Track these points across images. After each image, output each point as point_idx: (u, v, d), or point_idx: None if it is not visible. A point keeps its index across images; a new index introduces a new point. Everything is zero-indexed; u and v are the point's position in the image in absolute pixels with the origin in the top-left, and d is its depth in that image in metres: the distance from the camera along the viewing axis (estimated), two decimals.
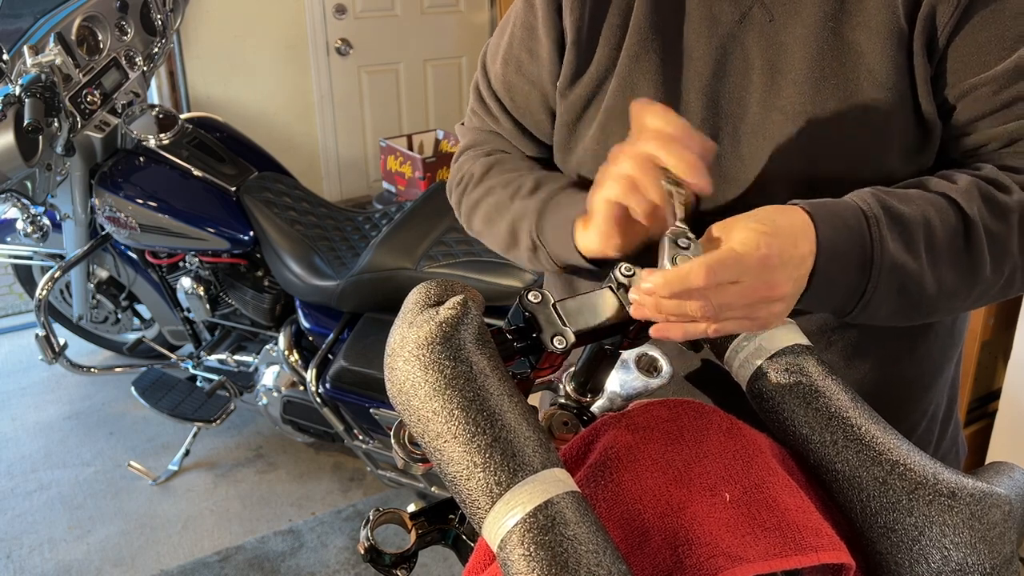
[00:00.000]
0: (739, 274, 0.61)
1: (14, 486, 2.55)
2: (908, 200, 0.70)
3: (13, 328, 3.50)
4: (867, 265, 0.67)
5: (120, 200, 2.34)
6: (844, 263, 0.66)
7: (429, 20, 4.30)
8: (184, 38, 3.76)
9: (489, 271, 2.02)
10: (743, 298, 0.62)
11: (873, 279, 0.67)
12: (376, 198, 3.57)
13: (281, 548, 2.29)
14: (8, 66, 2.00)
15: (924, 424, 0.89)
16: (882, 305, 0.69)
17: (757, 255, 0.62)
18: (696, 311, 0.62)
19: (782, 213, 0.66)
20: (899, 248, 0.67)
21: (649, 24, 0.81)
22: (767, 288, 0.62)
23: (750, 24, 0.78)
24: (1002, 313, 2.15)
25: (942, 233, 0.69)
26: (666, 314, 0.63)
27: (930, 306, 0.71)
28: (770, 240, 0.62)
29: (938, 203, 0.70)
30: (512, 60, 0.90)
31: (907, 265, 0.68)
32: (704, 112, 0.79)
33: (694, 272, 0.60)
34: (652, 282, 0.62)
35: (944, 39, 0.73)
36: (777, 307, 0.64)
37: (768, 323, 0.66)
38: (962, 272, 0.70)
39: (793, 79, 0.76)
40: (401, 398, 0.61)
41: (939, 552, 0.58)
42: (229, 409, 2.47)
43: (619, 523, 0.59)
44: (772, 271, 0.62)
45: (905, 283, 0.68)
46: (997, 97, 0.73)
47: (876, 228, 0.67)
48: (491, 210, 0.90)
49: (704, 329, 0.64)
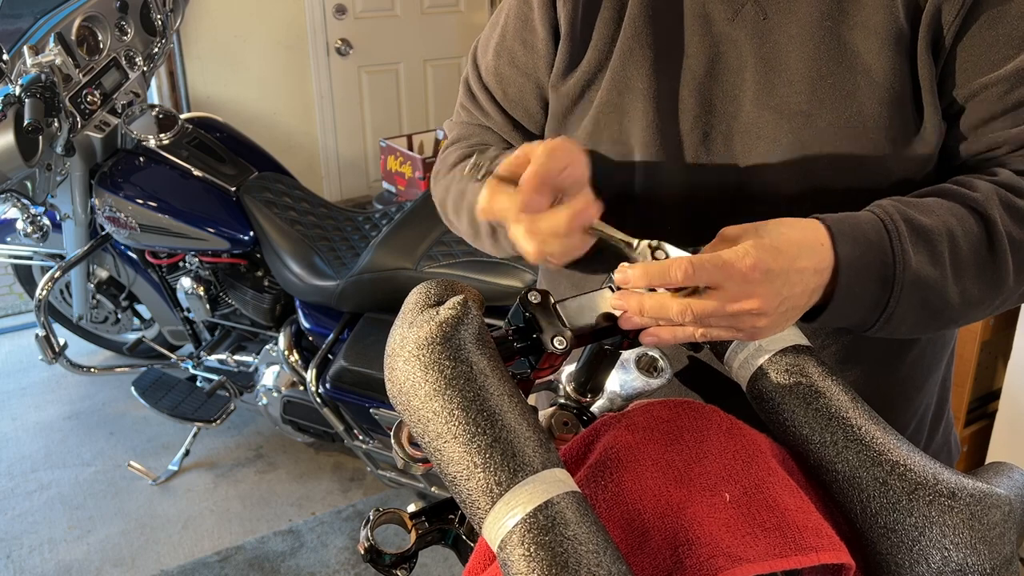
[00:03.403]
0: (721, 279, 0.61)
1: (14, 486, 2.55)
2: (929, 211, 0.69)
3: (13, 328, 3.50)
4: (889, 279, 0.66)
5: (120, 200, 2.34)
6: (865, 278, 0.66)
7: (429, 20, 4.30)
8: (184, 38, 3.76)
9: (489, 271, 2.02)
10: (725, 307, 0.61)
11: (896, 293, 0.66)
12: (376, 198, 3.57)
13: (281, 548, 2.29)
14: (8, 66, 2.00)
15: (913, 425, 0.89)
16: (905, 319, 0.68)
17: (742, 265, 0.61)
18: (676, 314, 0.61)
19: (795, 227, 0.65)
20: (922, 261, 0.67)
21: (644, 19, 0.80)
22: (747, 298, 0.61)
23: (743, 22, 0.77)
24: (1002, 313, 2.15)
25: (965, 243, 0.68)
26: (648, 315, 0.63)
27: (953, 317, 0.71)
28: (761, 253, 0.61)
29: (960, 213, 0.69)
30: (505, 52, 0.90)
31: (930, 278, 0.67)
32: (697, 109, 0.79)
33: (675, 266, 0.60)
34: (631, 273, 0.62)
35: (950, 38, 0.73)
36: (761, 321, 0.63)
37: (755, 335, 0.65)
38: (986, 282, 0.70)
39: (788, 78, 0.75)
40: (401, 398, 0.60)
41: (939, 552, 0.58)
42: (229, 409, 2.46)
43: (619, 523, 0.59)
44: (753, 284, 0.61)
45: (928, 296, 0.68)
46: (1007, 98, 0.72)
47: (898, 241, 0.66)
48: (457, 196, 0.90)
49: (692, 333, 0.63)
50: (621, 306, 0.64)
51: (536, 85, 0.88)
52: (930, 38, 0.73)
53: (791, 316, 0.65)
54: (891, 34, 0.73)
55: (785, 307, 0.64)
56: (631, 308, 0.63)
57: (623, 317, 0.65)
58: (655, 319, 0.63)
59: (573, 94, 0.84)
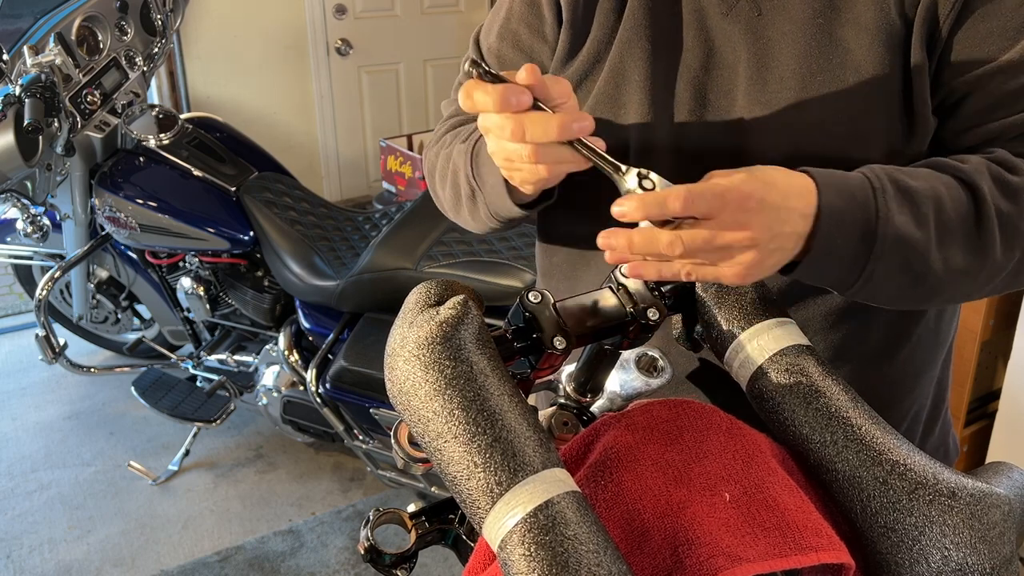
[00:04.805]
0: (717, 208, 0.60)
1: (14, 486, 2.55)
2: (918, 176, 0.69)
3: (13, 328, 3.50)
4: (871, 235, 0.65)
5: (120, 200, 2.34)
6: (847, 230, 0.65)
7: (429, 20, 4.30)
8: (184, 38, 3.76)
9: (489, 271, 2.02)
10: (716, 237, 0.61)
11: (877, 250, 0.66)
12: (376, 198, 3.57)
13: (281, 548, 2.29)
14: (8, 66, 2.00)
15: (905, 425, 0.89)
16: (886, 281, 0.68)
17: (738, 192, 0.60)
18: (666, 247, 0.61)
19: (784, 173, 0.65)
20: (906, 221, 0.66)
21: (643, 12, 0.81)
22: (740, 228, 0.61)
23: (737, 17, 0.78)
24: (1002, 313, 2.15)
25: (952, 210, 0.68)
26: (638, 250, 0.62)
27: (937, 286, 0.70)
28: (755, 184, 0.61)
29: (948, 182, 0.69)
30: (509, 34, 0.90)
31: (913, 239, 0.66)
32: (692, 103, 0.79)
33: (673, 195, 0.59)
34: (627, 206, 0.60)
35: (946, 32, 0.73)
36: (751, 255, 0.62)
37: (740, 276, 0.64)
38: (971, 251, 0.69)
39: (779, 74, 0.76)
40: (401, 398, 0.61)
41: (939, 552, 0.58)
42: (229, 409, 2.47)
43: (619, 523, 0.59)
44: (749, 212, 0.61)
45: (910, 259, 0.67)
46: (1005, 87, 0.72)
47: (882, 198, 0.66)
48: (444, 162, 0.90)
49: (678, 270, 0.63)
50: (609, 244, 0.63)
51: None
52: (925, 32, 0.73)
53: (778, 258, 0.64)
54: (883, 30, 0.73)
55: (775, 245, 0.63)
56: (620, 245, 0.62)
57: (609, 254, 0.63)
58: (643, 254, 0.62)
59: (572, 82, 0.84)
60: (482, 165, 0.80)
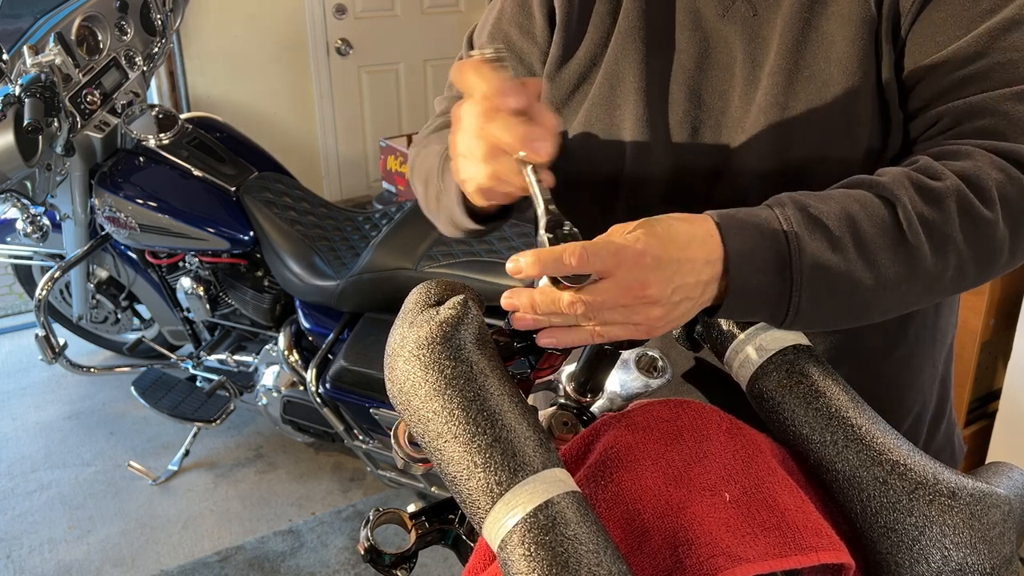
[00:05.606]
0: (612, 266, 0.59)
1: (14, 486, 2.55)
2: (828, 199, 0.67)
3: (13, 328, 3.50)
4: (786, 270, 0.64)
5: (120, 200, 2.34)
6: (760, 267, 0.64)
7: (429, 20, 4.30)
8: (184, 38, 3.76)
9: (489, 271, 2.02)
10: (618, 296, 0.60)
11: (796, 281, 0.64)
12: (376, 198, 3.57)
13: (281, 548, 2.29)
14: (8, 66, 2.00)
15: (908, 424, 0.89)
16: (816, 308, 0.66)
17: (632, 250, 0.59)
18: (567, 306, 0.60)
19: (685, 220, 0.64)
20: (820, 247, 0.65)
21: (638, 13, 0.81)
22: (640, 287, 0.60)
23: (733, 18, 0.78)
24: (1002, 313, 2.15)
25: (869, 225, 0.66)
26: (541, 310, 0.61)
27: (873, 303, 0.68)
28: (650, 241, 0.60)
29: (863, 198, 0.68)
30: (500, 35, 0.90)
31: (831, 263, 0.65)
32: (687, 104, 0.79)
33: (568, 251, 0.58)
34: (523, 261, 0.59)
35: (907, 24, 0.73)
36: (655, 311, 0.61)
37: (651, 330, 0.63)
38: (900, 262, 0.67)
39: (768, 72, 0.76)
40: (401, 398, 0.61)
41: (939, 552, 0.58)
42: (229, 409, 2.47)
43: (619, 523, 0.59)
44: (645, 269, 0.60)
45: (834, 283, 0.66)
46: (949, 77, 0.72)
47: (791, 228, 0.64)
48: (422, 163, 0.90)
49: (588, 333, 0.62)
50: (513, 305, 0.62)
51: (528, 71, 0.89)
52: (890, 24, 0.73)
53: (686, 308, 0.64)
54: (863, 22, 0.74)
55: (679, 296, 0.62)
56: (523, 305, 0.61)
57: (515, 317, 0.62)
58: (547, 315, 0.61)
59: (567, 86, 0.85)
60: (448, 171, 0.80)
